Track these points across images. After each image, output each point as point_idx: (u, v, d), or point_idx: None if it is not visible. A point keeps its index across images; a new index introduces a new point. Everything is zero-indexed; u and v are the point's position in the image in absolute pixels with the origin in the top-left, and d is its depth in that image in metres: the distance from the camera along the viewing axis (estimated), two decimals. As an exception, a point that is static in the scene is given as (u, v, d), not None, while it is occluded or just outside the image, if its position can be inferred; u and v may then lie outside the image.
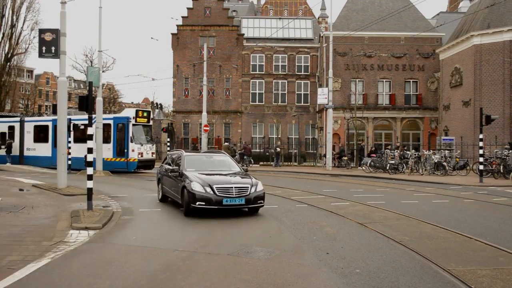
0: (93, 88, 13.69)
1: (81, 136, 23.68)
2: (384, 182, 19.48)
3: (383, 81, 35.34)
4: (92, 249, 6.74)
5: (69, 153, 22.47)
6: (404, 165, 23.74)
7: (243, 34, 40.16)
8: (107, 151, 22.62)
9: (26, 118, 26.93)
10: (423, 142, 34.24)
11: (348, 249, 6.74)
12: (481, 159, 18.79)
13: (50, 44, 14.47)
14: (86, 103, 10.13)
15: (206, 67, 31.88)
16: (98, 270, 5.65)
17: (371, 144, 33.53)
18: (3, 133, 27.78)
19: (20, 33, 41.81)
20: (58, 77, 15.64)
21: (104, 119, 22.59)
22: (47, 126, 25.48)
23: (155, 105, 50.87)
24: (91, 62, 49.72)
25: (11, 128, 27.25)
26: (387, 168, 23.36)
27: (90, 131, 10.14)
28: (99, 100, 22.00)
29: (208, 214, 9.73)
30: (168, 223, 9.26)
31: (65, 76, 15.01)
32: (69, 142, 22.74)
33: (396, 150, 25.43)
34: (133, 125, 22.76)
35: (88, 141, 10.17)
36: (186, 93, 39.82)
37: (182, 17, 40.00)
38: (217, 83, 39.56)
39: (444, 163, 22.33)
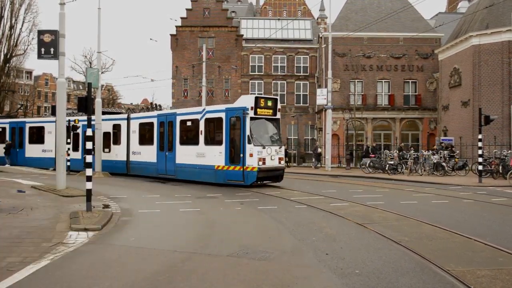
0: (92, 89, 13.71)
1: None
2: (383, 182, 19.48)
3: (382, 81, 35.38)
4: (91, 250, 6.73)
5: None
6: (403, 165, 23.75)
7: (242, 35, 40.18)
8: (217, 157, 16.58)
9: (132, 115, 21.86)
10: (422, 142, 34.27)
11: (348, 250, 6.74)
12: (480, 160, 18.80)
13: (49, 45, 14.46)
14: (85, 104, 10.12)
15: (205, 68, 31.90)
16: (98, 272, 5.64)
17: (370, 144, 33.54)
18: (107, 133, 22.83)
19: (19, 34, 41.79)
20: (57, 78, 15.64)
21: (212, 111, 17.29)
22: (152, 124, 20.17)
23: (154, 106, 50.78)
24: (90, 63, 49.73)
25: (117, 128, 22.41)
26: (386, 168, 23.37)
27: (89, 132, 10.12)
28: (98, 101, 21.98)
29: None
30: (167, 224, 9.25)
31: (64, 77, 15.00)
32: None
33: (402, 151, 25.33)
34: (252, 119, 16.02)
35: (86, 142, 10.16)
36: (185, 94, 39.83)
37: (181, 18, 40.03)
38: (216, 84, 39.57)
39: (444, 164, 22.34)
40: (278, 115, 17.11)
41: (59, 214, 9.82)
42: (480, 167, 18.78)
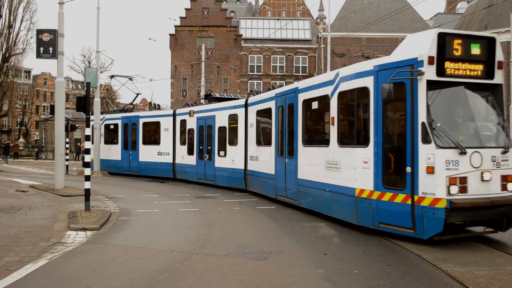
0: (91, 89, 13.68)
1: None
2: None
3: (381, 82, 35.36)
4: (89, 250, 6.73)
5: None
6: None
7: (241, 35, 40.19)
8: (360, 172, 8.13)
9: (250, 99, 14.15)
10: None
11: (347, 251, 6.75)
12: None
13: (48, 44, 14.44)
14: (84, 104, 10.11)
15: (204, 68, 31.88)
16: (96, 271, 5.63)
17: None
18: (222, 128, 15.60)
19: (18, 33, 41.79)
20: (55, 78, 15.62)
21: (349, 78, 8.57)
22: (270, 110, 12.34)
23: (153, 105, 50.76)
24: (89, 62, 49.67)
25: (233, 118, 14.98)
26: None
27: (87, 131, 10.12)
28: (96, 101, 21.94)
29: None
30: (166, 223, 9.24)
31: (62, 77, 14.98)
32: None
33: None
34: (432, 85, 7.11)
35: (86, 142, 10.16)
36: (184, 93, 39.84)
37: (180, 17, 40.03)
38: (215, 83, 39.57)
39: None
40: (498, 77, 7.55)
41: (57, 213, 9.81)
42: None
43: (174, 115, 18.67)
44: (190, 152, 17.39)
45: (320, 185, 9.30)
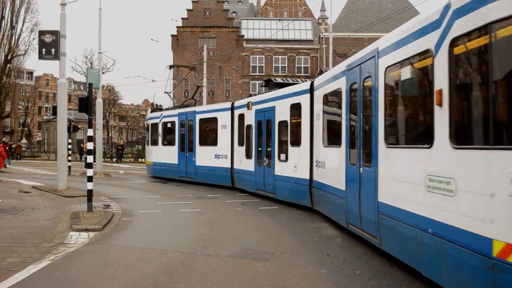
0: (93, 90, 13.71)
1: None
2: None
3: (383, 82, 35.30)
4: (92, 251, 6.74)
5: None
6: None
7: (243, 36, 40.22)
8: (505, 203, 3.55)
9: (317, 80, 10.34)
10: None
11: (349, 251, 6.74)
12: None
13: (50, 45, 14.48)
14: (86, 105, 10.13)
15: (206, 69, 31.91)
16: (98, 272, 5.64)
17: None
18: (283, 123, 11.83)
19: (20, 34, 41.89)
20: (58, 79, 15.66)
21: None
22: (338, 92, 8.39)
23: (155, 106, 50.84)
24: (91, 63, 49.78)
25: (296, 108, 11.19)
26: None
27: (89, 132, 10.14)
28: (99, 102, 21.99)
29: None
30: (168, 224, 9.25)
31: (65, 78, 15.01)
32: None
33: None
34: None
35: (88, 143, 10.18)
36: (186, 94, 39.86)
37: (182, 18, 40.07)
38: (217, 84, 39.61)
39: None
40: None
41: (60, 214, 9.83)
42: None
43: (232, 108, 15.40)
44: (248, 155, 13.79)
45: (415, 219, 5.12)
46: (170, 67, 22.40)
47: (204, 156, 16.61)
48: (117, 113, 78.56)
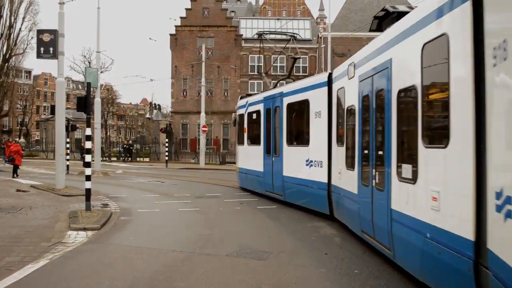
0: (91, 89, 13.69)
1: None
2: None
3: (381, 81, 35.28)
4: (90, 250, 6.73)
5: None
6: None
7: (242, 35, 40.20)
8: None
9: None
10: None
11: (348, 251, 6.74)
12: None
13: (48, 44, 14.45)
14: (84, 104, 10.12)
15: (204, 68, 31.87)
16: (97, 271, 5.64)
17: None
18: (409, 96, 5.23)
19: (18, 33, 41.89)
20: (56, 78, 15.65)
21: None
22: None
23: (153, 106, 50.88)
24: (89, 63, 49.75)
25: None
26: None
27: (87, 131, 10.12)
28: (97, 101, 21.95)
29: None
30: (167, 223, 9.24)
31: (63, 77, 14.99)
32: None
33: None
34: None
35: (86, 142, 10.17)
36: (185, 93, 39.86)
37: (181, 17, 40.03)
38: (215, 83, 39.58)
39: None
40: None
41: (58, 213, 9.81)
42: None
43: (329, 82, 9.40)
44: (350, 162, 7.71)
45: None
46: (259, 35, 15.22)
47: (293, 162, 10.88)
48: (116, 112, 78.40)
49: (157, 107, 47.01)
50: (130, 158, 35.77)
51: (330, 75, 9.39)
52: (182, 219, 9.66)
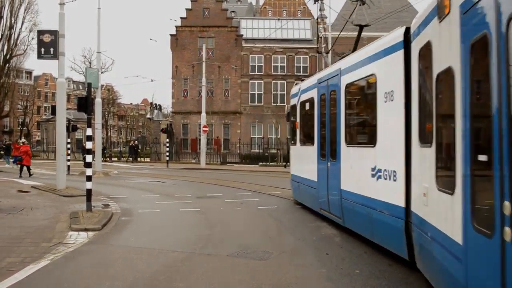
0: (92, 89, 13.70)
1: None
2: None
3: (382, 81, 35.21)
4: (91, 251, 6.74)
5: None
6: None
7: (242, 35, 40.18)
8: None
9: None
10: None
11: (348, 251, 6.74)
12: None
13: (48, 45, 14.47)
14: (85, 104, 10.13)
15: (205, 68, 31.85)
16: (97, 272, 5.64)
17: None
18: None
19: (19, 34, 41.91)
20: (57, 78, 15.66)
21: None
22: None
23: (154, 106, 50.87)
24: (89, 63, 49.78)
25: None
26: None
27: (88, 132, 10.13)
28: (98, 101, 21.95)
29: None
30: (167, 224, 9.25)
31: (64, 77, 15.00)
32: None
33: None
34: None
35: (87, 142, 10.18)
36: (185, 94, 39.84)
37: (181, 18, 40.00)
38: (216, 84, 39.56)
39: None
40: None
41: (59, 214, 9.82)
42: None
43: (405, 42, 5.75)
44: (445, 177, 4.10)
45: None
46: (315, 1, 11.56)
47: (354, 170, 7.45)
48: (116, 113, 78.50)
49: (158, 107, 46.98)
50: (136, 159, 35.79)
51: (407, 30, 5.77)
52: (183, 220, 9.67)
